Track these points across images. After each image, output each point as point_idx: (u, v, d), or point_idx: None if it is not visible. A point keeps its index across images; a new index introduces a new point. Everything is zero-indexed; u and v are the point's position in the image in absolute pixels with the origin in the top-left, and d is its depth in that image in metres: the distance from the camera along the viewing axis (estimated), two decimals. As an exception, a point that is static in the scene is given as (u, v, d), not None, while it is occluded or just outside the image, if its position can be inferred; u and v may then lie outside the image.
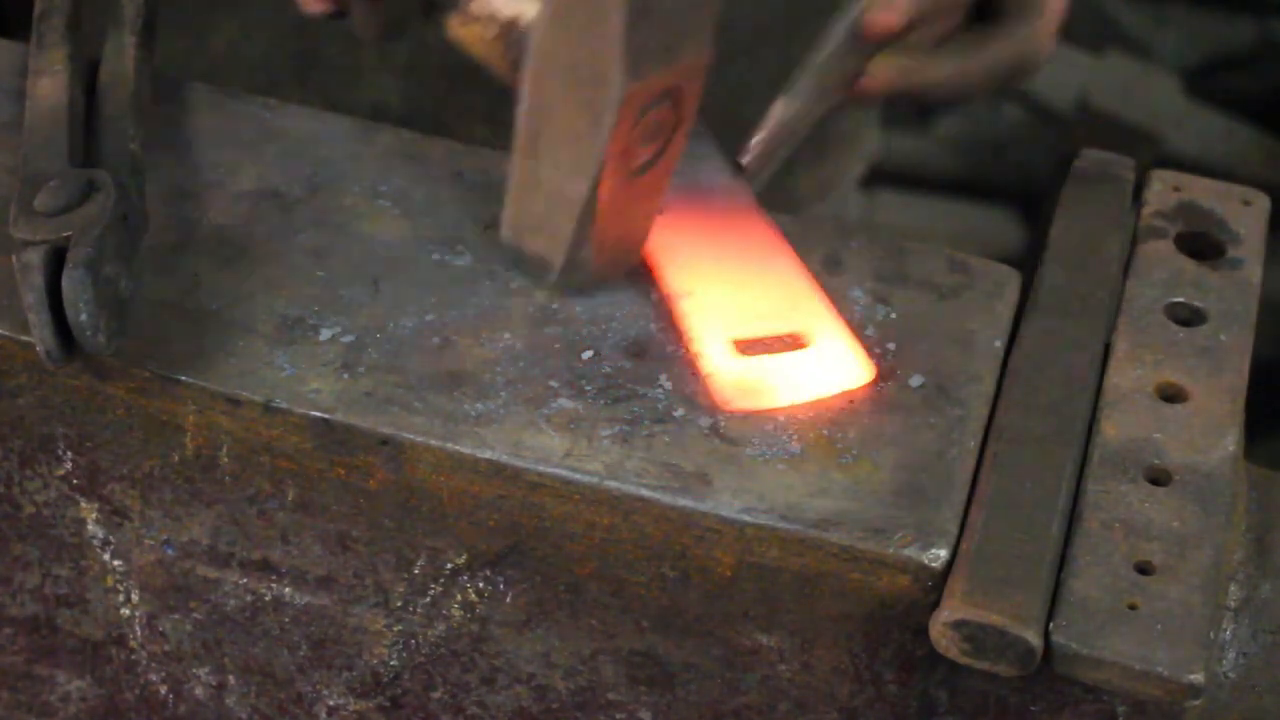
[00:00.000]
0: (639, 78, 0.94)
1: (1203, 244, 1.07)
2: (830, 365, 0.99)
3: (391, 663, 1.02)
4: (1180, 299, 1.03)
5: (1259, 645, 0.97)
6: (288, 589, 1.01)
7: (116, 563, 1.03)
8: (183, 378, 0.97)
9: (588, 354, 1.00)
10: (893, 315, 1.02)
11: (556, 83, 0.97)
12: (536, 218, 1.01)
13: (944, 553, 0.91)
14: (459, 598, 0.98)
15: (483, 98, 1.26)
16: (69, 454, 1.00)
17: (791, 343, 1.00)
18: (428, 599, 0.99)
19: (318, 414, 0.96)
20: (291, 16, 1.10)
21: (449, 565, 0.98)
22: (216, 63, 1.37)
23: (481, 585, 0.98)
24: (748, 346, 1.00)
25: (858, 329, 1.01)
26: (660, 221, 1.03)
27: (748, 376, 0.98)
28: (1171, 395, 0.99)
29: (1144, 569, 0.90)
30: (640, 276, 1.03)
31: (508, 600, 0.98)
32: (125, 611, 1.04)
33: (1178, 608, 0.89)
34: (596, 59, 0.94)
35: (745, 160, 1.08)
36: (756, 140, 1.09)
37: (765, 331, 1.00)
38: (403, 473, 0.96)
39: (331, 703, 1.04)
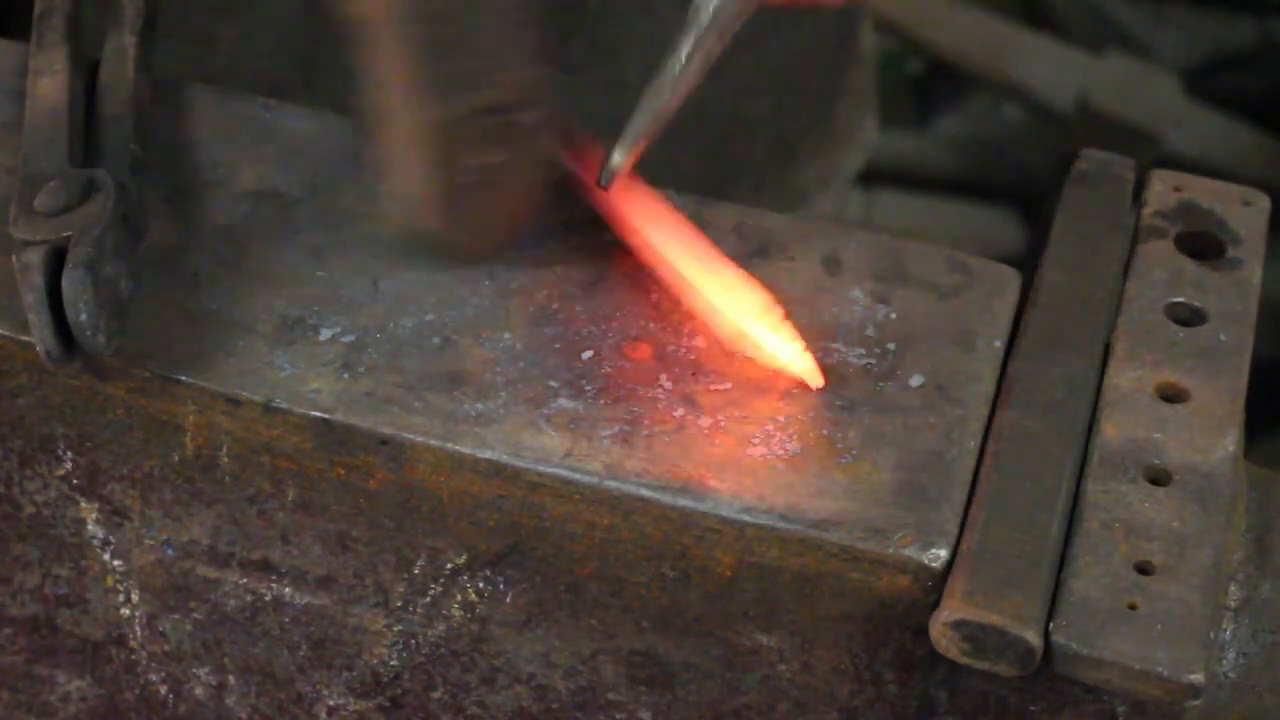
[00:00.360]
0: (434, 110, 0.96)
1: (1203, 244, 1.06)
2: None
3: (391, 663, 1.01)
4: (1180, 299, 1.03)
5: (1259, 645, 0.97)
6: (288, 589, 1.01)
7: (116, 563, 1.03)
8: (183, 378, 0.97)
9: (588, 354, 0.99)
10: (893, 315, 1.02)
11: (379, 93, 0.98)
12: (405, 199, 1.02)
13: (944, 553, 0.91)
14: (459, 598, 0.98)
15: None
16: (69, 454, 1.00)
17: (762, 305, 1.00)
18: (428, 599, 0.99)
19: (318, 414, 0.96)
20: (295, 23, 1.10)
21: (449, 565, 0.97)
22: (220, 70, 1.37)
23: (481, 585, 0.98)
24: (769, 308, 1.00)
25: (858, 328, 1.01)
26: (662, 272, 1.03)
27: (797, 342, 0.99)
28: (1171, 395, 0.99)
29: (1144, 569, 0.90)
30: (640, 277, 1.03)
31: (508, 600, 0.98)
32: (125, 611, 1.04)
33: (1178, 608, 0.89)
34: (395, 88, 0.96)
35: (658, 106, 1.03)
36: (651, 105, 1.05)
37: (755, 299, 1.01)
38: (403, 473, 0.95)
39: (331, 703, 1.04)
